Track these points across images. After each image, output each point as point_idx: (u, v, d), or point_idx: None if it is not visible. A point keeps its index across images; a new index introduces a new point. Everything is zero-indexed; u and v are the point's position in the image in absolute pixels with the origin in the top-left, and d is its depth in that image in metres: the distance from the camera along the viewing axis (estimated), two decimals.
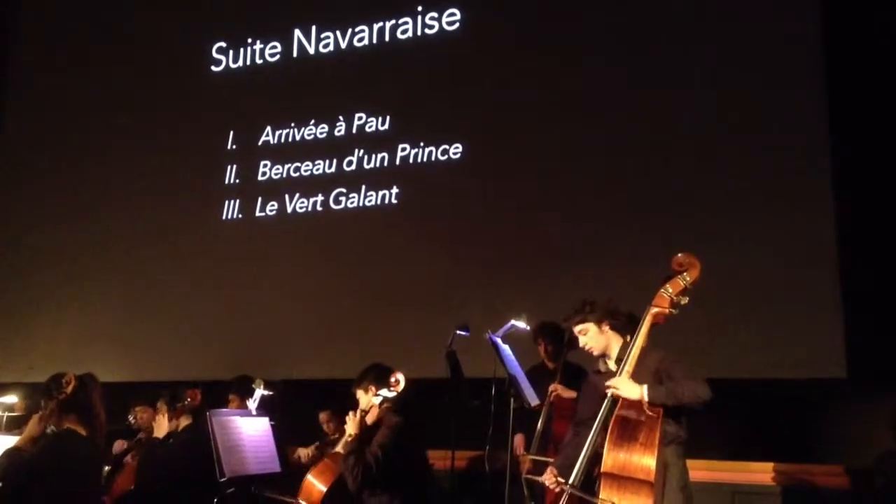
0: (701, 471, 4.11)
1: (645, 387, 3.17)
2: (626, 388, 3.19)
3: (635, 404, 3.16)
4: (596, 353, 3.54)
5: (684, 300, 3.34)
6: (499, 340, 4.14)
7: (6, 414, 5.60)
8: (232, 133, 7.38)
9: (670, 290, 3.34)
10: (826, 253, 5.10)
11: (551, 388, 4.60)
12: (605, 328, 3.50)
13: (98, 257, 7.58)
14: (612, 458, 3.02)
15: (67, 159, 8.00)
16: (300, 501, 4.04)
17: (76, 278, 7.62)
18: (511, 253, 6.01)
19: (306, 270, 6.77)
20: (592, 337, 3.50)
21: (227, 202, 7.24)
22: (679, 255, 3.40)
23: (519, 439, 4.68)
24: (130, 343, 7.18)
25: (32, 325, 7.64)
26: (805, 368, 5.00)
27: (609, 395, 3.25)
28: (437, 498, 4.50)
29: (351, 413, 4.00)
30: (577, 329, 3.54)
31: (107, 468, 4.74)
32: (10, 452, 3.53)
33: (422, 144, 6.57)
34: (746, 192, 5.39)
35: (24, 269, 7.90)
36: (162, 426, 4.56)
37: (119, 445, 5.00)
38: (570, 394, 4.54)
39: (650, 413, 3.11)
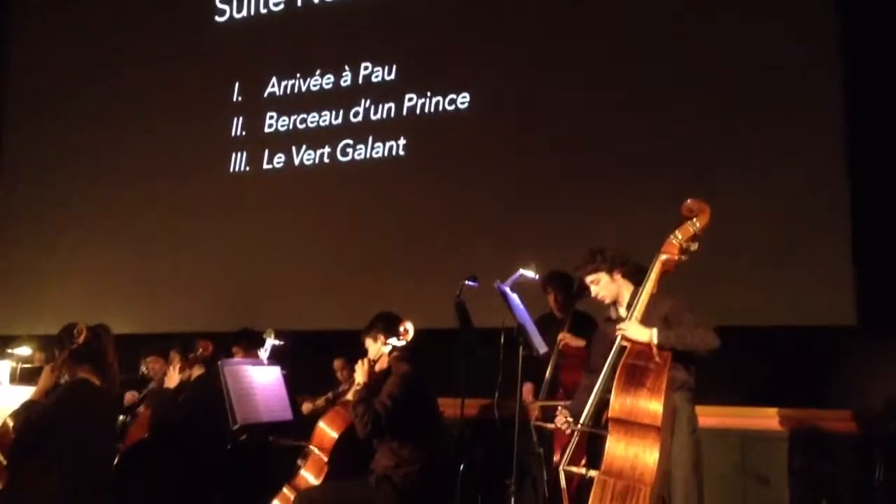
0: (710, 417, 4.12)
1: (654, 330, 3.21)
2: (635, 330, 3.23)
3: (644, 351, 3.18)
4: (608, 301, 3.59)
5: (694, 246, 3.34)
6: (507, 290, 4.13)
7: (20, 365, 5.65)
8: (237, 85, 7.31)
9: (679, 237, 3.33)
10: (837, 199, 5.04)
11: (560, 336, 4.63)
12: (617, 276, 3.55)
13: (106, 210, 7.60)
14: (619, 404, 3.05)
15: (72, 113, 7.96)
16: (313, 448, 4.10)
17: (85, 232, 7.66)
18: (519, 202, 5.97)
19: (314, 222, 6.76)
20: (605, 286, 3.55)
21: (233, 155, 7.21)
22: (689, 200, 3.40)
23: (528, 387, 4.71)
24: (138, 295, 7.23)
25: (43, 279, 7.70)
26: (815, 315, 4.98)
27: (618, 341, 3.27)
28: (447, 445, 4.54)
29: (360, 361, 4.03)
30: (589, 279, 3.58)
31: (120, 418, 4.80)
32: (26, 405, 3.56)
33: (429, 94, 6.49)
34: (758, 139, 5.30)
35: (34, 224, 7.94)
36: (173, 377, 4.60)
37: (130, 397, 5.06)
38: (578, 342, 4.56)
39: (658, 360, 3.13)
